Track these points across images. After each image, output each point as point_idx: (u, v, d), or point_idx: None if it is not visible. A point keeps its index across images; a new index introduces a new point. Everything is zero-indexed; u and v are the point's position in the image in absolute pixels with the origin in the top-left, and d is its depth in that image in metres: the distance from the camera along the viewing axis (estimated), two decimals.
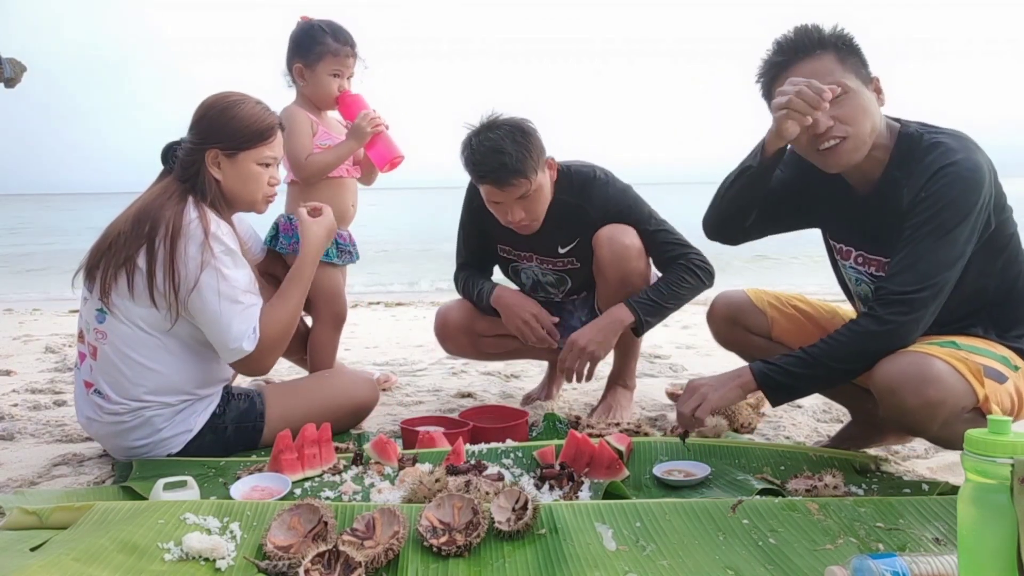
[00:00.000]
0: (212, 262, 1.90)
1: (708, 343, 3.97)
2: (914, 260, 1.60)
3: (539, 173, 2.20)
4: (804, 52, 1.66)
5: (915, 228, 1.61)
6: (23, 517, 1.50)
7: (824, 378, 1.72)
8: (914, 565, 1.14)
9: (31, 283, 9.73)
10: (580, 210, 2.35)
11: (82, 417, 2.05)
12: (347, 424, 2.28)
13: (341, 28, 2.55)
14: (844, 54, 1.65)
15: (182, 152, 2.00)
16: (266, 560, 1.34)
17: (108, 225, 1.98)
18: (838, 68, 1.64)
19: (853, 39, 1.69)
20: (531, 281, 2.57)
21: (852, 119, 1.64)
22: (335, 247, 2.61)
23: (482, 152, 2.15)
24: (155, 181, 2.05)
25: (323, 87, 2.53)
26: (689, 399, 1.73)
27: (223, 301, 1.92)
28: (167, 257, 1.87)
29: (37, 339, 4.29)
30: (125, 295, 1.90)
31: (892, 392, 1.58)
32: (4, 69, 3.42)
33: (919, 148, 1.66)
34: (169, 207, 1.91)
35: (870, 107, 1.66)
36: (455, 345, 2.66)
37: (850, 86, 1.63)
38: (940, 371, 1.55)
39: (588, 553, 1.35)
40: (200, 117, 2.00)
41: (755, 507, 1.51)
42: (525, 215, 2.24)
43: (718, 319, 2.17)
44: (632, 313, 2.24)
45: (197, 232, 1.89)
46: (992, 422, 1.02)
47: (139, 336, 1.93)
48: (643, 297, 2.26)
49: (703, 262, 2.31)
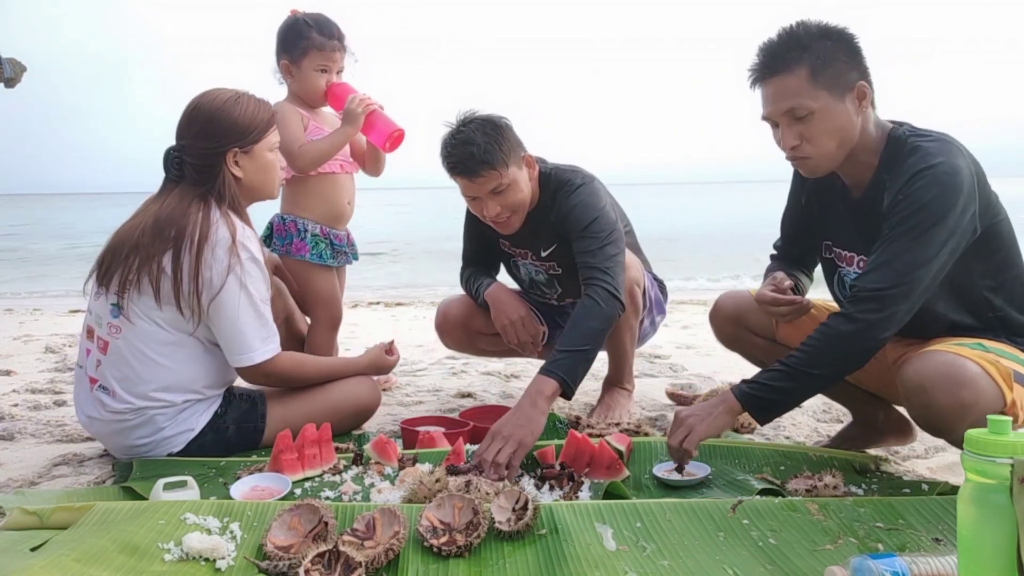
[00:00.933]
0: (238, 269, 1.91)
1: (708, 343, 3.98)
2: (887, 258, 1.61)
3: (511, 167, 2.18)
4: (775, 70, 1.67)
5: (891, 228, 1.62)
6: (23, 517, 1.50)
7: (807, 386, 1.70)
8: (914, 565, 1.14)
9: (31, 283, 9.74)
10: (551, 214, 2.34)
11: (83, 416, 2.05)
12: (349, 426, 2.28)
13: (327, 21, 2.48)
14: (819, 67, 1.63)
15: (195, 159, 1.97)
16: (266, 560, 1.34)
17: (120, 230, 1.98)
18: (807, 87, 1.63)
19: (843, 38, 1.66)
20: (528, 278, 2.58)
21: (815, 139, 1.67)
22: (330, 248, 2.60)
23: (452, 145, 2.17)
24: (162, 189, 2.01)
25: (310, 83, 2.48)
26: (677, 431, 1.72)
27: (243, 308, 1.94)
28: (193, 263, 1.88)
29: (37, 339, 4.29)
30: (149, 296, 1.91)
31: (923, 390, 1.55)
32: (4, 69, 3.43)
33: (903, 151, 1.67)
34: (192, 213, 1.91)
35: (839, 124, 1.66)
36: (453, 340, 2.68)
37: (815, 107, 1.63)
38: (973, 373, 1.54)
39: (588, 553, 1.35)
40: (207, 121, 1.97)
41: (755, 507, 1.51)
42: (501, 210, 2.23)
43: (721, 319, 2.16)
44: (552, 378, 1.95)
45: (225, 237, 1.91)
46: (992, 422, 1.02)
47: (156, 333, 1.94)
48: (558, 357, 1.99)
49: (611, 288, 2.12)
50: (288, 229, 2.55)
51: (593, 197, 2.29)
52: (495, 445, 1.81)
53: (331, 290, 2.62)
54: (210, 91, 2.02)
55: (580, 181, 2.32)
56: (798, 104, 1.64)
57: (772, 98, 1.69)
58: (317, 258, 2.57)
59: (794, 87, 1.64)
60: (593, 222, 2.22)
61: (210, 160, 1.97)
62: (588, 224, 2.22)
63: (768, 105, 1.70)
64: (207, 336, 2.00)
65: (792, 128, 1.68)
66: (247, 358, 1.98)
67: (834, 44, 1.65)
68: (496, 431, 1.85)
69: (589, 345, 2.05)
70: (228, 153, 1.97)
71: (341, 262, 2.67)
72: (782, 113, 1.68)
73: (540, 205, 2.34)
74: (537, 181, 2.33)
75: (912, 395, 1.59)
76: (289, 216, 2.56)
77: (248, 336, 1.97)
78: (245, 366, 2.00)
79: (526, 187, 2.27)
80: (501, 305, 2.43)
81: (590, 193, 2.30)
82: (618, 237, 2.25)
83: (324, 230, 2.58)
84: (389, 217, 28.52)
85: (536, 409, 1.90)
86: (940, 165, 1.59)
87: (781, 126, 1.70)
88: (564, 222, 2.29)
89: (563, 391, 1.98)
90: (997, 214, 1.68)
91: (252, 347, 1.98)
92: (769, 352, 2.05)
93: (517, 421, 1.87)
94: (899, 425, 2.10)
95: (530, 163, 2.29)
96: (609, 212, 2.28)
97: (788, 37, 1.66)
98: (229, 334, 1.96)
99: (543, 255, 2.44)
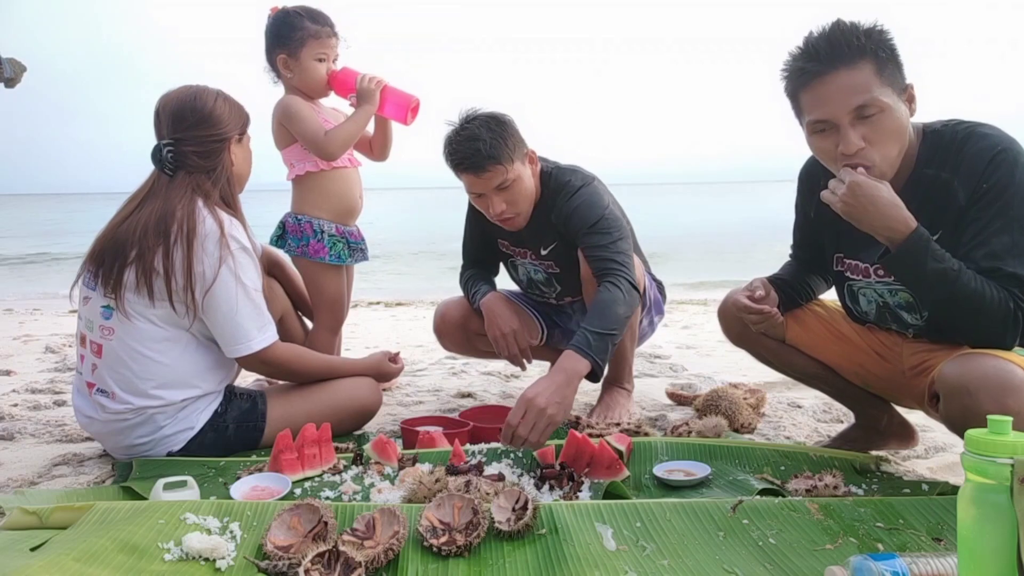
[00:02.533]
0: (229, 260, 1.93)
1: (708, 343, 3.99)
2: (997, 233, 1.52)
3: (516, 162, 2.20)
4: (842, 61, 1.52)
5: (975, 217, 1.54)
6: (23, 517, 1.50)
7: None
8: (914, 565, 1.14)
9: (31, 283, 9.73)
10: (551, 213, 2.35)
11: (82, 417, 2.05)
12: (349, 427, 2.28)
13: (317, 10, 2.48)
14: (883, 62, 1.52)
15: (197, 147, 1.98)
16: (266, 560, 1.34)
17: (108, 227, 1.98)
18: (876, 81, 1.51)
19: (892, 40, 1.55)
20: (526, 278, 2.59)
21: (882, 141, 1.54)
22: (347, 248, 2.59)
23: (458, 141, 2.19)
24: (151, 186, 2.01)
25: (311, 73, 2.46)
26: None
27: (239, 298, 1.95)
28: (185, 258, 1.89)
29: (37, 339, 4.29)
30: (143, 295, 1.91)
31: (968, 392, 1.47)
32: (4, 69, 3.42)
33: (953, 141, 1.59)
34: (180, 209, 1.92)
35: (902, 125, 1.56)
36: (450, 341, 2.69)
37: (886, 103, 1.52)
38: (1022, 380, 1.46)
39: (588, 553, 1.35)
40: (208, 113, 1.99)
41: (755, 507, 1.51)
42: (507, 207, 2.24)
43: (729, 316, 2.11)
44: (586, 358, 1.93)
45: (213, 230, 1.93)
46: (992, 422, 1.02)
47: (149, 330, 1.94)
48: (590, 338, 1.96)
49: (631, 279, 2.15)
50: (304, 230, 2.53)
51: (596, 196, 2.31)
52: (529, 418, 1.77)
53: (338, 291, 2.62)
54: (185, 88, 2.04)
55: (580, 182, 2.33)
56: (870, 100, 1.50)
57: (835, 95, 1.53)
58: (336, 259, 2.56)
59: (863, 82, 1.51)
60: (600, 219, 2.25)
61: (213, 146, 2.00)
62: (596, 222, 2.25)
63: (825, 106, 1.55)
64: (202, 331, 2.01)
65: (856, 129, 1.54)
66: (245, 347, 2.00)
67: (887, 42, 1.55)
68: (530, 401, 1.79)
69: (616, 330, 2.03)
70: (231, 139, 2.03)
71: (358, 259, 2.67)
72: (850, 111, 1.52)
73: (541, 203, 2.35)
74: (539, 178, 2.34)
75: (953, 396, 1.51)
76: (304, 217, 2.54)
77: (244, 326, 1.98)
78: (244, 355, 2.01)
79: (530, 183, 2.29)
80: (494, 316, 2.44)
81: (592, 192, 2.31)
82: (626, 234, 2.29)
83: (339, 229, 2.57)
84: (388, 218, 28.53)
85: (570, 388, 1.87)
86: (1013, 145, 1.54)
87: (842, 128, 1.55)
88: (567, 223, 2.29)
89: (591, 372, 1.95)
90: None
91: (249, 336, 1.99)
92: (777, 352, 2.03)
93: (553, 396, 1.81)
94: (901, 429, 2.09)
95: (533, 159, 2.31)
96: (614, 209, 2.31)
97: (843, 35, 1.52)
98: (225, 325, 1.97)
99: (543, 253, 2.44)
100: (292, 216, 2.56)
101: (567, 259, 2.36)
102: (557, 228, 2.34)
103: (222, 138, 2.01)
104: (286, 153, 2.54)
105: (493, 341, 2.45)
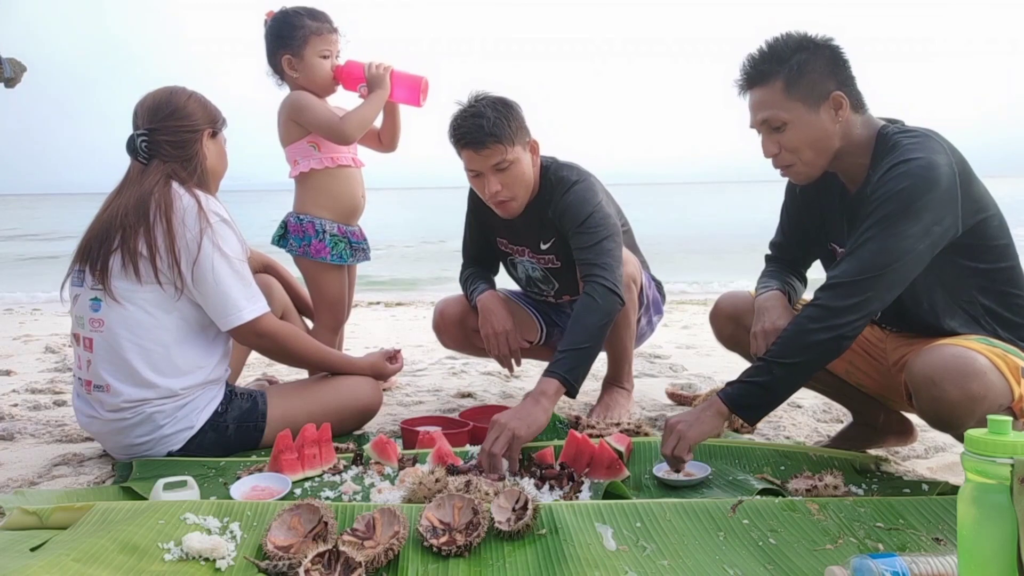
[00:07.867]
0: (209, 231, 1.95)
1: (708, 343, 3.98)
2: (855, 248, 1.63)
3: (517, 146, 2.21)
4: (753, 83, 1.74)
5: (863, 220, 1.65)
6: (23, 517, 1.50)
7: (786, 378, 1.68)
8: (914, 565, 1.14)
9: (32, 283, 9.73)
10: (549, 209, 2.35)
11: (82, 417, 2.05)
12: (350, 427, 2.28)
13: (315, 8, 2.50)
14: (793, 80, 1.68)
15: (171, 136, 2.02)
16: (266, 560, 1.34)
17: (92, 221, 2.01)
18: (781, 99, 1.70)
19: (821, 49, 1.69)
20: (524, 276, 2.59)
21: (795, 148, 1.73)
22: (349, 248, 2.59)
23: (463, 118, 2.20)
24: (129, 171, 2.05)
25: (317, 70, 2.48)
26: (668, 438, 1.71)
27: (223, 268, 1.96)
28: (166, 233, 1.92)
29: (37, 339, 4.29)
30: (130, 279, 1.93)
31: (933, 383, 1.55)
32: (4, 69, 3.42)
33: (886, 148, 1.69)
34: (156, 191, 1.96)
35: (812, 133, 1.71)
36: (451, 339, 2.69)
37: (787, 118, 1.69)
38: (983, 366, 1.55)
39: (588, 553, 1.35)
40: (180, 106, 2.04)
41: (755, 507, 1.51)
42: (502, 188, 2.23)
43: (721, 319, 2.16)
44: (556, 379, 1.98)
45: (191, 204, 1.96)
46: (992, 422, 1.02)
47: (138, 317, 1.95)
48: (559, 358, 2.01)
49: (608, 284, 2.14)
50: (306, 230, 2.53)
51: (589, 193, 2.31)
52: (491, 435, 1.83)
53: (339, 291, 2.62)
54: (161, 87, 2.10)
55: (576, 178, 2.34)
56: (772, 115, 1.71)
57: (751, 109, 1.76)
58: (337, 259, 2.56)
59: (768, 99, 1.71)
60: (589, 217, 2.25)
61: (186, 136, 2.04)
62: (584, 219, 2.25)
63: (750, 116, 1.78)
64: (192, 314, 2.01)
65: (770, 138, 1.74)
66: (236, 317, 2.00)
67: (811, 56, 1.68)
68: (494, 422, 1.86)
69: (589, 343, 2.06)
70: (204, 132, 2.06)
71: (359, 259, 2.68)
72: (759, 123, 1.75)
73: (539, 198, 2.36)
74: (539, 170, 2.34)
75: (921, 388, 1.59)
76: (306, 216, 2.54)
77: (232, 296, 1.99)
78: (236, 326, 2.01)
79: (528, 170, 2.28)
80: (489, 315, 2.45)
81: (586, 189, 2.31)
82: (615, 231, 2.27)
83: (341, 229, 2.57)
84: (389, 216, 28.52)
85: (538, 406, 1.92)
86: (916, 160, 1.60)
87: (761, 136, 1.77)
88: (561, 219, 2.30)
89: (567, 390, 2.00)
90: (984, 211, 1.67)
91: (239, 306, 2.00)
92: None
93: (515, 414, 1.88)
94: (899, 426, 2.10)
95: (534, 149, 2.31)
96: (605, 207, 2.31)
97: (767, 51, 1.72)
98: (214, 297, 1.98)
99: (542, 248, 2.44)
100: (294, 216, 2.56)
101: (567, 254, 2.36)
102: (554, 223, 2.34)
103: (194, 129, 2.05)
104: (291, 150, 2.54)
105: (485, 339, 2.45)
